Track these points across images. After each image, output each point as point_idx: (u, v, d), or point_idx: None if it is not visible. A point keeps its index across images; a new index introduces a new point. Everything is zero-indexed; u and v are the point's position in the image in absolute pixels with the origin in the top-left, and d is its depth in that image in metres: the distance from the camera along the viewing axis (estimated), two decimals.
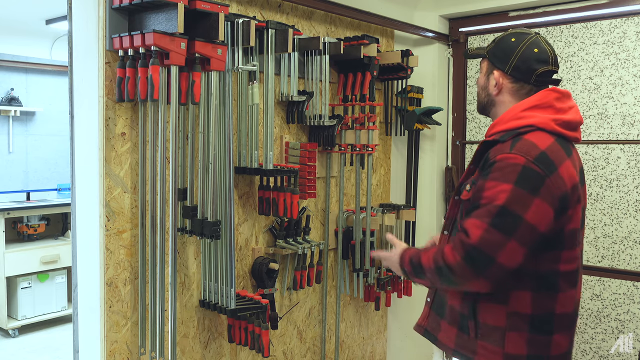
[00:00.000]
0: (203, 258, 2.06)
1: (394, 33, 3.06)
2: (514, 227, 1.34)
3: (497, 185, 1.36)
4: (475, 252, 1.34)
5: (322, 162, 2.63)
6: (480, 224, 1.35)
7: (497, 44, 1.58)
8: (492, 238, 1.33)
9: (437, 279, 1.44)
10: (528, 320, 1.44)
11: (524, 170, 1.36)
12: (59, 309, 4.52)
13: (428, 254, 1.46)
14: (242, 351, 2.33)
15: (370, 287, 2.83)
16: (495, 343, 1.46)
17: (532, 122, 1.46)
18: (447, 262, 1.38)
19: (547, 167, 1.38)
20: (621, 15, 2.70)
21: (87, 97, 1.83)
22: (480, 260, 1.34)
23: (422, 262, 1.46)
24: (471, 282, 1.38)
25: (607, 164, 2.76)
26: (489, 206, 1.36)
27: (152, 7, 1.73)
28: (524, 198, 1.34)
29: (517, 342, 1.44)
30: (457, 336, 1.54)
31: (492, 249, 1.34)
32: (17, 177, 5.45)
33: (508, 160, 1.38)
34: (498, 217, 1.34)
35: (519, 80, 1.53)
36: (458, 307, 1.53)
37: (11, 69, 5.36)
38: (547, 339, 1.45)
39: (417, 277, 1.51)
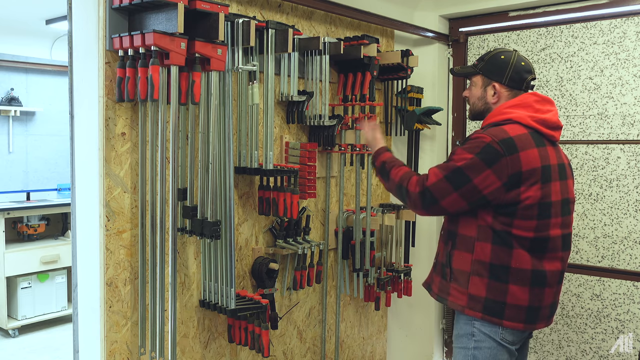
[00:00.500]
0: (203, 258, 2.06)
1: (394, 33, 3.06)
2: (461, 184, 1.72)
3: (463, 153, 1.74)
4: (427, 192, 1.76)
5: (322, 162, 2.63)
6: (438, 173, 1.76)
7: (488, 62, 1.90)
8: (441, 186, 1.74)
9: (393, 189, 1.89)
10: (487, 267, 1.76)
11: (486, 147, 1.71)
12: (59, 309, 4.52)
13: (399, 170, 1.89)
14: (242, 351, 2.33)
15: (370, 287, 2.83)
16: (462, 285, 1.80)
17: (510, 117, 1.80)
18: (408, 187, 1.81)
19: (508, 149, 1.70)
20: (621, 15, 2.70)
21: (87, 97, 1.83)
22: (428, 199, 1.77)
23: (391, 173, 1.90)
24: (417, 209, 1.83)
25: (607, 164, 2.76)
26: (450, 164, 1.75)
27: (152, 7, 1.73)
28: (478, 166, 1.70)
29: (478, 285, 1.77)
30: (440, 283, 1.90)
31: (439, 193, 1.75)
32: (17, 177, 5.45)
33: (478, 138, 1.74)
34: (452, 174, 1.73)
35: (513, 88, 1.87)
36: (442, 259, 1.90)
37: (11, 69, 5.36)
38: (503, 287, 1.75)
39: (381, 175, 1.97)
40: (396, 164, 1.94)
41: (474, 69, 1.94)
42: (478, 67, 1.93)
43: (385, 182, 1.96)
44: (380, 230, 2.93)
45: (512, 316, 1.75)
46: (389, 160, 1.96)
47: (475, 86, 1.94)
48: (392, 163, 1.95)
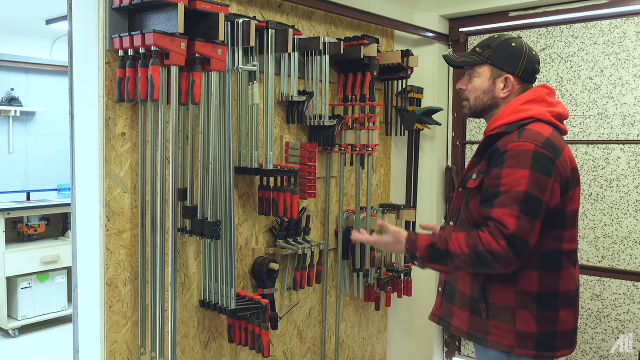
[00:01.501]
0: (203, 258, 2.06)
1: (394, 33, 3.06)
2: (538, 210, 1.47)
3: (515, 172, 1.47)
4: (515, 239, 1.44)
5: (322, 162, 2.63)
6: (511, 212, 1.45)
7: (497, 50, 1.66)
8: (524, 224, 1.44)
9: (468, 264, 1.49)
10: (535, 297, 1.54)
11: (535, 155, 1.48)
12: (59, 309, 4.52)
13: (455, 240, 1.50)
14: (242, 351, 2.33)
15: (370, 287, 2.83)
16: (507, 322, 1.55)
17: (531, 114, 1.58)
18: (490, 248, 1.44)
19: (554, 151, 1.50)
20: (621, 15, 2.70)
21: (87, 97, 1.83)
22: (519, 246, 1.44)
23: (450, 248, 1.49)
24: (511, 265, 1.46)
25: (607, 164, 2.76)
26: (511, 192, 1.46)
27: (152, 7, 1.73)
28: (541, 181, 1.47)
29: (527, 320, 1.53)
30: (469, 319, 1.62)
31: (526, 233, 1.45)
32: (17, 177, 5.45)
33: (519, 148, 1.49)
34: (524, 203, 1.45)
35: (525, 81, 1.66)
36: (468, 292, 1.62)
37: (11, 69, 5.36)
38: (553, 315, 1.55)
39: (436, 262, 1.54)
40: (442, 238, 1.53)
41: (479, 57, 1.68)
42: (484, 55, 1.67)
43: (448, 267, 1.54)
44: (380, 230, 2.92)
45: (563, 344, 1.58)
46: (433, 241, 1.53)
47: (479, 77, 1.68)
48: (438, 240, 1.53)
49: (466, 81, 1.72)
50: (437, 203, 3.16)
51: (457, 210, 1.72)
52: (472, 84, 1.70)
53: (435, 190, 3.16)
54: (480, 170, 1.59)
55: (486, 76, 1.67)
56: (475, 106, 1.71)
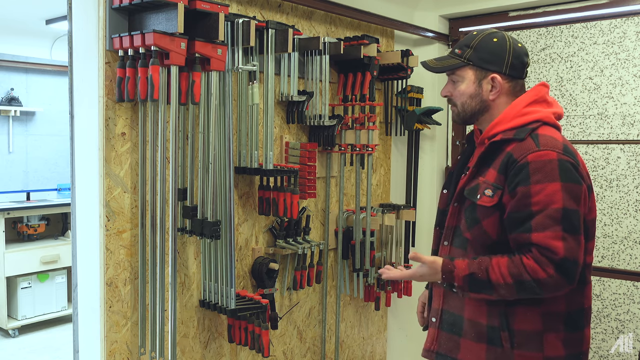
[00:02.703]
0: (203, 258, 2.06)
1: (394, 33, 3.06)
2: (579, 223, 1.36)
3: (546, 187, 1.34)
4: (567, 263, 1.33)
5: (322, 162, 2.63)
6: (555, 235, 1.32)
7: (478, 48, 1.51)
8: (572, 244, 1.34)
9: (513, 293, 1.38)
10: (563, 318, 1.42)
11: (560, 164, 1.36)
12: (59, 309, 4.52)
13: (496, 268, 1.37)
14: (242, 351, 2.33)
15: (370, 287, 2.82)
16: (534, 349, 1.41)
17: (537, 117, 1.46)
18: (536, 277, 1.33)
19: (574, 157, 1.41)
20: (621, 15, 2.70)
21: (87, 97, 1.83)
22: (572, 269, 1.34)
23: (492, 278, 1.37)
24: (563, 290, 1.37)
25: (607, 164, 2.76)
26: (548, 211, 1.33)
27: (152, 7, 1.73)
28: (575, 191, 1.36)
29: (555, 344, 1.42)
30: (487, 352, 1.45)
31: (575, 253, 1.34)
32: (17, 177, 5.45)
33: (542, 158, 1.36)
34: (566, 221, 1.33)
35: (515, 78, 1.52)
36: (485, 320, 1.46)
37: (11, 69, 5.36)
38: (580, 335, 1.45)
39: (476, 292, 1.42)
40: (482, 266, 1.40)
41: (459, 59, 1.53)
42: (465, 56, 1.52)
43: (491, 296, 1.41)
44: (380, 230, 2.93)
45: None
46: (472, 271, 1.40)
47: (463, 81, 1.53)
48: (478, 269, 1.40)
49: (450, 87, 1.58)
50: (437, 203, 3.16)
51: (452, 228, 1.55)
52: (457, 90, 1.55)
53: (435, 190, 3.16)
54: (496, 185, 1.43)
55: (470, 79, 1.53)
56: (464, 112, 1.57)
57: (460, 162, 1.67)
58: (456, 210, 1.55)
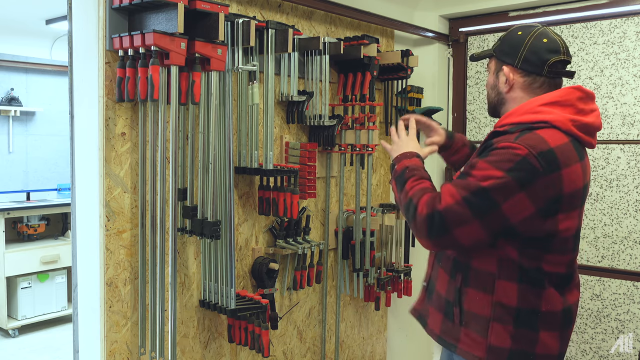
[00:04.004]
0: (203, 258, 2.06)
1: (394, 33, 3.06)
2: (485, 211, 1.33)
3: (489, 169, 1.33)
4: (437, 217, 1.35)
5: (322, 162, 2.63)
6: (454, 194, 1.35)
7: (503, 40, 1.54)
8: (457, 210, 1.34)
9: (402, 205, 1.48)
10: (513, 312, 1.42)
11: (521, 161, 1.31)
12: (59, 309, 4.52)
13: (418, 183, 1.47)
14: (242, 351, 2.33)
15: (370, 287, 2.82)
16: (479, 332, 1.44)
17: (547, 119, 1.39)
18: (417, 207, 1.40)
19: (549, 165, 1.32)
20: (621, 15, 2.70)
21: (87, 97, 1.83)
22: (436, 226, 1.35)
23: (407, 183, 1.48)
24: (420, 237, 1.41)
25: (607, 164, 2.76)
26: (471, 182, 1.35)
27: (152, 7, 1.73)
28: (509, 188, 1.32)
29: (501, 334, 1.42)
30: (442, 322, 1.53)
31: (452, 219, 1.34)
32: (17, 177, 5.46)
33: (509, 149, 1.33)
34: (474, 196, 1.33)
35: (531, 73, 1.47)
36: (444, 293, 1.53)
37: (11, 69, 5.36)
38: (533, 336, 1.42)
39: (395, 182, 1.55)
40: (418, 175, 1.50)
41: (490, 50, 1.58)
42: (493, 48, 1.57)
43: (397, 193, 1.53)
44: (380, 230, 2.93)
45: None
46: (412, 167, 1.52)
47: (489, 72, 1.59)
48: (415, 172, 1.51)
49: None
50: None
51: None
52: (487, 81, 1.61)
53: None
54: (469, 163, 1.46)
55: (492, 70, 1.57)
56: (489, 104, 1.61)
57: None
58: None
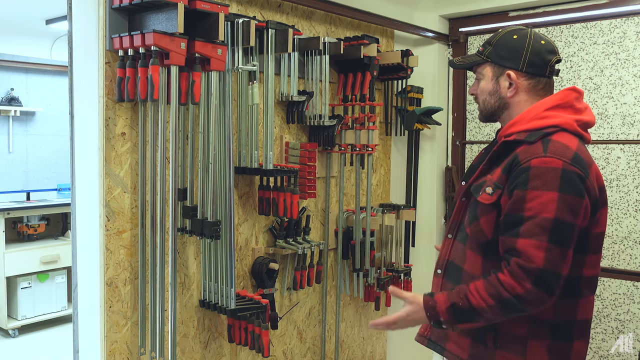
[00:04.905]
0: (203, 258, 2.06)
1: (394, 33, 3.06)
2: (570, 237, 1.31)
3: (542, 195, 1.30)
4: (545, 275, 1.28)
5: (322, 162, 2.63)
6: (538, 244, 1.28)
7: (497, 45, 1.52)
8: (555, 256, 1.29)
9: (498, 314, 1.34)
10: (549, 327, 1.40)
11: (564, 174, 1.31)
12: (59, 309, 4.52)
13: (475, 292, 1.35)
14: (242, 351, 2.33)
15: (370, 287, 2.83)
16: (517, 353, 1.41)
17: (556, 123, 1.42)
18: (514, 293, 1.29)
19: (583, 168, 1.34)
20: (621, 15, 2.70)
21: (87, 97, 1.83)
22: (551, 281, 1.29)
23: (473, 303, 1.34)
24: (545, 304, 1.31)
25: (607, 164, 2.76)
26: (538, 219, 1.30)
27: (152, 7, 1.73)
28: (573, 204, 1.30)
29: (539, 351, 1.40)
30: (471, 346, 1.47)
31: (558, 266, 1.29)
32: (17, 177, 5.46)
33: (545, 165, 1.32)
34: (554, 232, 1.29)
35: (535, 75, 1.49)
36: None
37: (11, 69, 5.36)
38: (567, 347, 1.42)
39: (464, 322, 1.39)
40: (462, 294, 1.37)
41: (479, 56, 1.55)
42: (485, 53, 1.54)
43: (479, 323, 1.39)
44: (380, 230, 2.93)
45: None
46: (453, 301, 1.38)
47: (484, 79, 1.55)
48: (458, 298, 1.37)
49: (475, 85, 1.59)
50: (437, 203, 3.16)
51: (457, 222, 1.56)
52: (479, 87, 1.57)
53: (435, 190, 3.16)
54: (497, 184, 1.42)
55: (489, 76, 1.54)
56: (484, 110, 1.58)
57: (480, 157, 1.66)
58: (463, 205, 1.55)
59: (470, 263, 1.49)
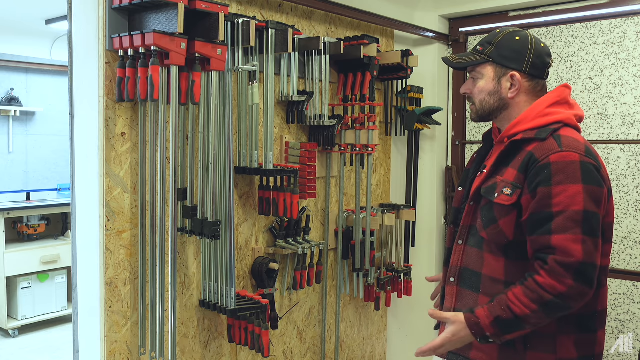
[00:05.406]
0: (203, 258, 2.06)
1: (394, 33, 3.06)
2: (598, 226, 1.34)
3: (567, 189, 1.32)
4: (585, 267, 1.29)
5: (322, 162, 2.63)
6: (574, 237, 1.30)
7: (499, 46, 1.51)
8: (590, 247, 1.31)
9: (544, 317, 1.34)
10: (575, 320, 1.41)
11: (583, 166, 1.35)
12: (59, 309, 4.52)
13: (516, 301, 1.34)
14: (242, 351, 2.33)
15: (370, 287, 2.83)
16: (547, 350, 1.41)
17: (559, 119, 1.46)
18: (556, 292, 1.30)
19: (596, 160, 1.39)
20: (621, 15, 2.70)
21: (87, 97, 1.83)
22: (590, 273, 1.30)
23: (516, 313, 1.33)
24: (586, 297, 1.32)
25: (607, 164, 2.76)
26: (569, 213, 1.31)
27: (152, 7, 1.73)
28: (596, 194, 1.34)
29: (567, 346, 1.41)
30: (499, 351, 1.45)
31: (594, 257, 1.31)
32: (17, 177, 5.46)
33: (565, 159, 1.35)
34: (586, 223, 1.31)
35: (535, 77, 1.52)
36: None
37: (11, 69, 5.36)
38: (592, 338, 1.44)
39: (511, 332, 1.37)
40: (503, 305, 1.36)
41: (480, 56, 1.53)
42: (486, 53, 1.53)
43: (527, 330, 1.37)
44: (380, 230, 2.93)
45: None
46: (496, 315, 1.36)
47: (483, 78, 1.54)
48: (500, 310, 1.36)
49: (470, 84, 1.58)
50: (437, 203, 3.16)
51: (467, 227, 1.54)
52: (477, 87, 1.55)
53: (435, 190, 3.16)
54: (515, 184, 1.41)
55: (490, 76, 1.53)
56: (482, 110, 1.56)
57: (476, 160, 1.66)
58: (472, 209, 1.54)
59: (491, 267, 1.47)
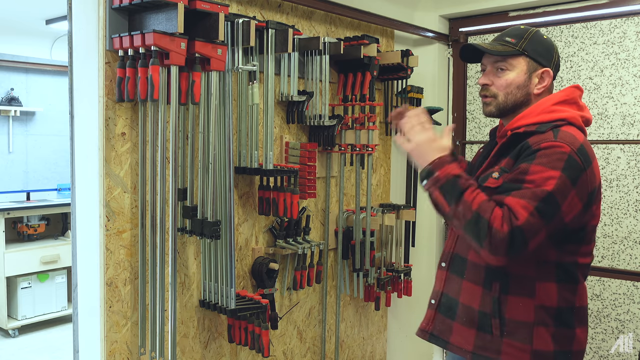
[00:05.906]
0: (203, 258, 2.06)
1: (394, 33, 3.06)
2: (552, 216, 1.32)
3: (545, 171, 1.33)
4: (518, 233, 1.29)
5: (322, 162, 2.63)
6: (526, 205, 1.30)
7: (533, 41, 1.50)
8: (534, 222, 1.29)
9: (464, 222, 1.34)
10: (554, 313, 1.43)
11: (569, 159, 1.35)
12: (59, 309, 4.52)
13: (474, 191, 1.35)
14: (242, 351, 2.33)
15: (370, 287, 2.83)
16: (523, 340, 1.42)
17: (564, 117, 1.46)
18: (492, 223, 1.29)
19: (586, 160, 1.38)
20: (621, 15, 2.70)
21: (87, 97, 1.83)
22: (518, 242, 1.29)
23: (465, 194, 1.35)
24: (496, 255, 1.31)
25: (607, 164, 2.76)
26: (535, 189, 1.31)
27: (152, 7, 1.73)
28: (567, 187, 1.33)
29: (544, 338, 1.42)
30: (476, 337, 1.47)
31: (530, 233, 1.30)
32: (17, 177, 5.46)
33: (555, 148, 1.36)
34: (543, 203, 1.30)
35: (555, 76, 1.55)
36: (477, 306, 1.47)
37: (11, 69, 5.36)
38: (570, 333, 1.45)
39: (443, 194, 1.38)
40: (474, 184, 1.39)
41: (513, 47, 1.49)
42: (520, 45, 1.49)
43: (447, 207, 1.39)
44: (380, 230, 2.93)
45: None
46: (464, 176, 1.39)
47: (514, 70, 1.50)
48: (470, 181, 1.39)
49: (492, 75, 1.53)
50: None
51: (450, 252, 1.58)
52: (504, 79, 1.50)
53: None
54: (504, 169, 1.44)
55: (522, 69, 1.50)
56: (505, 103, 1.52)
57: (481, 155, 1.67)
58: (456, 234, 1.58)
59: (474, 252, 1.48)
